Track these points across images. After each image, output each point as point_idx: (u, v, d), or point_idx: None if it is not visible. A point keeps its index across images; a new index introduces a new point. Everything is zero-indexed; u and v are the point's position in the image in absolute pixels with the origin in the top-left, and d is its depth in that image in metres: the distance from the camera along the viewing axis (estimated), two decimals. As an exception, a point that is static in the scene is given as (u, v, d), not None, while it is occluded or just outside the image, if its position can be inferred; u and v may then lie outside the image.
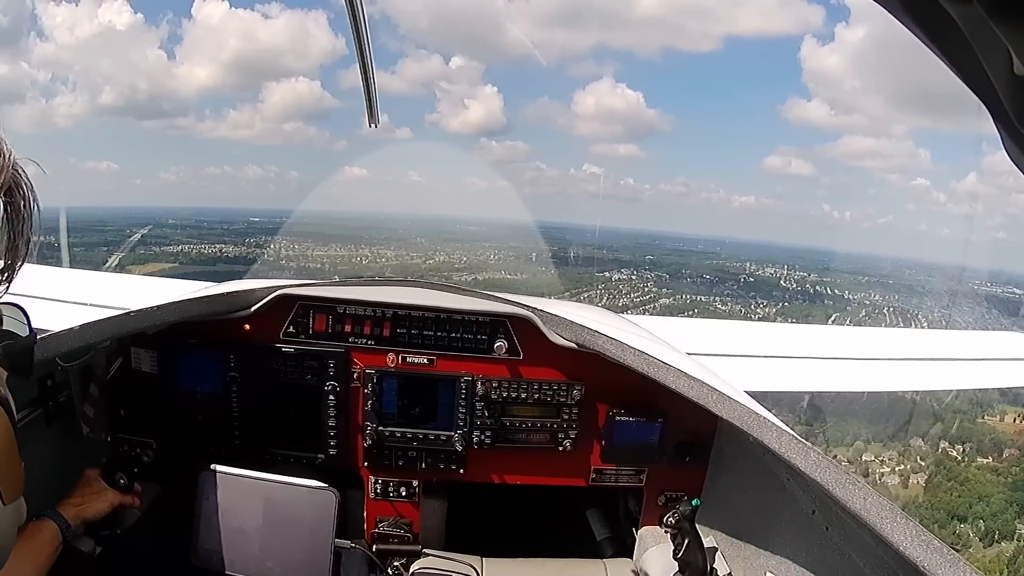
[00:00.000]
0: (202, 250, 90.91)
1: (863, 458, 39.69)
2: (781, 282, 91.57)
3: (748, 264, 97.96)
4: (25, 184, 1.24)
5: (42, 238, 1.33)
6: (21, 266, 1.27)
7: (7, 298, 1.35)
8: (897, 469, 40.15)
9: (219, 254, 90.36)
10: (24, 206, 1.24)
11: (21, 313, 1.45)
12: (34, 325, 1.63)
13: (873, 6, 1.02)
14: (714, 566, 3.41)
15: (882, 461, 39.63)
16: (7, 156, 1.18)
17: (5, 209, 1.21)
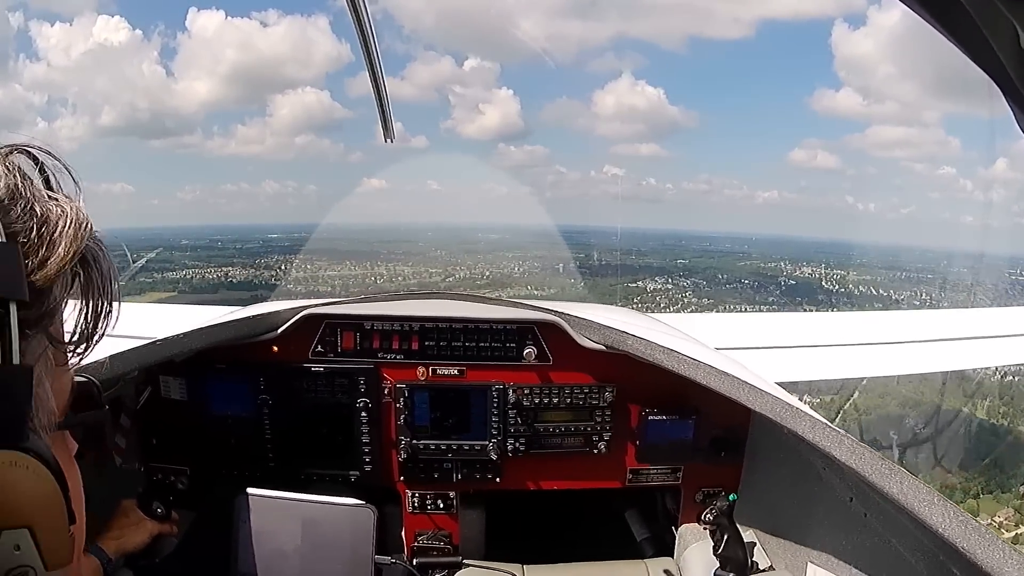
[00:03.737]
0: (206, 275, 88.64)
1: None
2: (823, 283, 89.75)
3: (783, 264, 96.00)
4: (102, 259, 1.16)
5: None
6: (98, 340, 1.20)
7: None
8: (1021, 535, 36.92)
9: (223, 279, 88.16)
10: (99, 279, 1.15)
11: (94, 388, 1.45)
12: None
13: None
14: (755, 560, 3.47)
15: (1000, 525, 36.72)
16: (82, 227, 1.09)
17: (80, 282, 1.12)
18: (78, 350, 1.17)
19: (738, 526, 3.46)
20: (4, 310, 0.98)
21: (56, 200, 1.08)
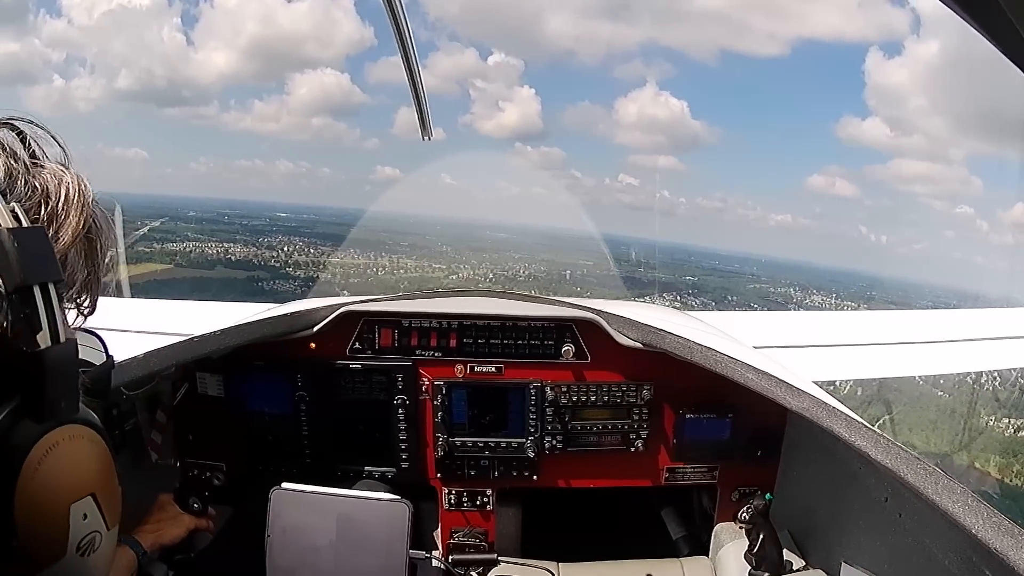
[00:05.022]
0: (206, 250, 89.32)
1: None
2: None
3: (792, 290, 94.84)
4: (101, 217, 1.24)
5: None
6: (98, 297, 1.30)
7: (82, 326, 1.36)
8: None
9: (223, 255, 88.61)
10: (101, 244, 1.24)
11: (97, 340, 1.52)
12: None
13: (946, 15, 1.12)
14: (789, 559, 3.50)
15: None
16: (86, 194, 1.19)
17: (86, 244, 1.20)
18: (84, 309, 1.26)
19: (774, 525, 3.49)
20: (44, 291, 1.05)
21: (47, 169, 1.15)
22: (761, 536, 3.43)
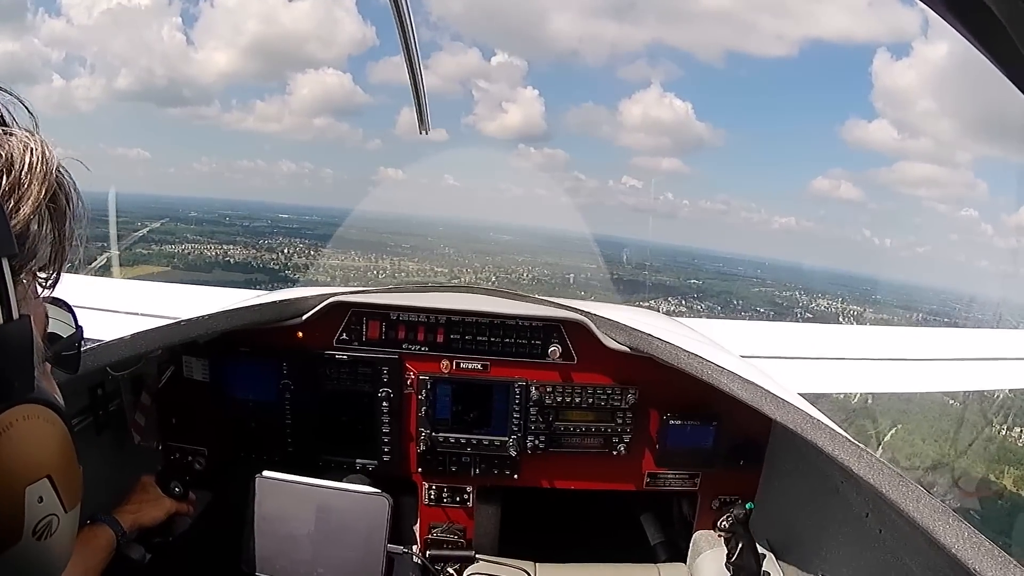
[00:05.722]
0: (204, 252, 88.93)
1: None
2: (840, 318, 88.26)
3: (798, 294, 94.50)
4: (68, 185, 1.19)
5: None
6: (63, 268, 1.25)
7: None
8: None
9: (221, 257, 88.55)
10: (68, 213, 1.19)
11: (66, 310, 1.48)
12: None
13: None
14: (767, 570, 3.51)
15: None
16: (50, 162, 1.12)
17: (50, 213, 1.14)
18: (50, 280, 1.23)
19: (753, 535, 3.49)
20: None
21: (15, 136, 1.10)
22: (740, 545, 3.43)
